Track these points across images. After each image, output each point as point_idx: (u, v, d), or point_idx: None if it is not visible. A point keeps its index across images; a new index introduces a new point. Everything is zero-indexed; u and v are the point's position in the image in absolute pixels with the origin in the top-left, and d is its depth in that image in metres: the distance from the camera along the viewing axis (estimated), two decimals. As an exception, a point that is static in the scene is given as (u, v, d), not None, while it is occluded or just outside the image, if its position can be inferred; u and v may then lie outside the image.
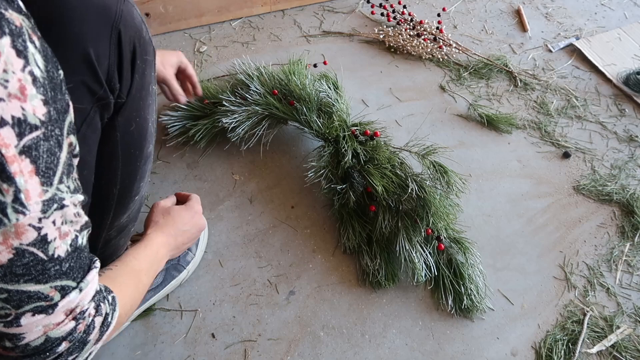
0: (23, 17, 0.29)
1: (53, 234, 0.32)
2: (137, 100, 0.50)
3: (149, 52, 0.50)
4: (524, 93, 1.07)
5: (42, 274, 0.33)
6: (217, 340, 0.69)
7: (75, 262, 0.36)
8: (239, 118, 0.84)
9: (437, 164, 0.80)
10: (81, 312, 0.37)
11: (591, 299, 0.76)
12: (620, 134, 1.01)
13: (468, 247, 0.76)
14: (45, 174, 0.30)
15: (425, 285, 0.76)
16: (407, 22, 1.18)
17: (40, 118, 0.29)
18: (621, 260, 0.81)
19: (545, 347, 0.70)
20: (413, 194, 0.74)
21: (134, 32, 0.46)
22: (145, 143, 0.54)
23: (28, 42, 0.28)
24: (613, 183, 0.92)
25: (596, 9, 1.31)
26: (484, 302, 0.73)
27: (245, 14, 1.19)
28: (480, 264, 0.76)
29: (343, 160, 0.78)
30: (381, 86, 1.07)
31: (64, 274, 0.35)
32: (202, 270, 0.76)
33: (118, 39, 0.45)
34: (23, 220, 0.30)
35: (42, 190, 0.30)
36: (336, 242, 0.81)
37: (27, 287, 0.33)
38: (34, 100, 0.28)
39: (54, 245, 0.33)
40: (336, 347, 0.69)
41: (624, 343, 0.71)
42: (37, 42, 0.30)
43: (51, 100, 0.30)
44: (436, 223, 0.74)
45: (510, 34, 1.22)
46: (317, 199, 0.86)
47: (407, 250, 0.72)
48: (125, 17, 0.45)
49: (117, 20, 0.44)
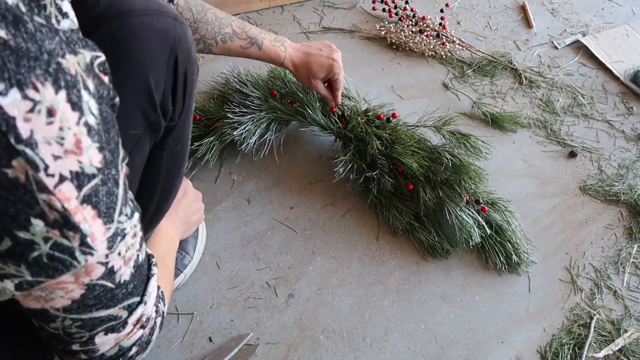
0: (79, 58, 0.28)
1: (119, 264, 0.34)
2: (184, 121, 0.50)
3: (195, 71, 0.50)
4: (529, 91, 1.05)
5: (112, 300, 0.35)
6: (214, 344, 0.68)
7: (137, 280, 0.38)
8: (248, 127, 0.83)
9: (456, 132, 0.85)
10: (147, 319, 0.40)
11: (598, 302, 0.75)
12: (628, 133, 0.99)
13: (506, 206, 0.80)
14: (106, 214, 0.31)
15: (427, 287, 0.75)
16: (409, 18, 1.16)
17: (97, 166, 0.29)
18: (629, 262, 0.80)
19: (551, 351, 0.69)
20: (450, 163, 0.78)
21: (187, 54, 0.46)
22: (184, 161, 0.55)
23: (82, 90, 0.28)
24: (620, 183, 0.90)
25: (603, 5, 1.28)
26: (530, 257, 0.78)
27: (243, 9, 1.17)
28: (516, 220, 0.80)
29: (368, 147, 0.80)
30: (383, 84, 1.05)
31: (130, 294, 0.37)
32: (199, 273, 0.74)
33: (175, 63, 0.44)
34: (92, 261, 0.31)
35: (106, 229, 0.31)
36: (336, 243, 0.79)
37: (98, 314, 0.35)
38: (89, 151, 0.29)
39: (120, 273, 0.35)
40: (336, 352, 0.68)
41: (632, 347, 0.70)
42: (92, 86, 0.29)
43: (105, 143, 0.30)
44: (472, 188, 0.79)
45: (515, 31, 1.20)
46: (317, 199, 0.85)
47: (458, 217, 0.76)
48: (182, 40, 0.44)
49: (175, 45, 0.44)
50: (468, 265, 0.78)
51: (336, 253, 0.78)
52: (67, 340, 0.36)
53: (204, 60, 1.07)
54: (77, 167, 0.28)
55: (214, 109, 0.88)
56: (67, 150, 0.27)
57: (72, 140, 0.27)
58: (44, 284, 0.30)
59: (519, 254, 0.76)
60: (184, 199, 0.66)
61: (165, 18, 0.43)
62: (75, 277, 0.31)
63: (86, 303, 0.34)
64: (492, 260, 0.77)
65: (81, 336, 0.36)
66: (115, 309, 0.36)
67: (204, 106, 0.89)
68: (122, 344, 0.39)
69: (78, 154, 0.28)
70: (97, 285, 0.33)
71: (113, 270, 0.33)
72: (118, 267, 0.34)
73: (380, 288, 0.75)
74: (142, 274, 0.39)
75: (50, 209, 0.27)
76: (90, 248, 0.30)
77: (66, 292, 0.32)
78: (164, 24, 0.42)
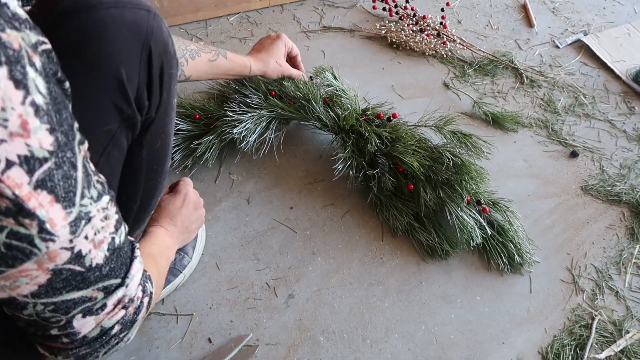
0: (23, 34, 0.27)
1: (87, 247, 0.33)
2: (163, 117, 0.49)
3: (174, 65, 0.48)
4: (530, 90, 1.05)
5: (83, 282, 0.34)
6: (213, 345, 0.67)
7: (115, 263, 0.36)
8: (248, 126, 0.83)
9: (457, 132, 0.84)
10: (129, 300, 0.39)
11: (600, 303, 0.74)
12: (630, 133, 0.98)
13: (507, 207, 0.79)
14: (65, 198, 0.29)
15: (428, 288, 0.74)
16: (409, 17, 1.15)
17: (49, 149, 0.28)
18: (630, 262, 0.79)
19: (552, 352, 0.69)
20: (451, 163, 0.77)
21: (162, 47, 0.45)
22: (167, 159, 0.54)
23: (28, 66, 0.26)
24: (622, 183, 0.89)
25: (605, 4, 1.28)
26: (533, 257, 0.77)
27: (242, 8, 1.17)
28: (518, 220, 0.79)
29: (367, 146, 0.79)
30: (383, 83, 1.04)
31: (105, 276, 0.36)
32: (199, 273, 0.74)
33: (148, 56, 0.43)
34: (54, 247, 0.30)
35: (66, 214, 0.30)
36: (336, 243, 0.79)
37: (69, 296, 0.34)
38: (38, 133, 0.27)
39: (90, 257, 0.33)
40: (337, 353, 0.68)
41: (634, 348, 0.69)
42: (38, 62, 0.27)
43: (57, 124, 0.28)
44: (474, 188, 0.79)
45: (516, 30, 1.19)
46: (316, 199, 0.84)
47: (459, 217, 0.75)
48: (156, 33, 0.43)
49: (148, 37, 0.42)
50: (469, 266, 0.78)
51: (336, 253, 0.78)
52: (44, 326, 0.35)
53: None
54: (25, 150, 0.26)
55: (213, 108, 0.88)
56: (13, 133, 0.25)
57: (17, 122, 0.25)
58: (5, 273, 0.29)
59: (521, 254, 0.76)
60: (183, 208, 0.64)
61: (137, 10, 0.41)
62: (39, 264, 0.30)
63: (54, 287, 0.32)
64: (494, 261, 0.77)
65: (58, 320, 0.35)
66: (87, 290, 0.35)
67: (203, 105, 0.89)
68: (103, 324, 0.38)
69: (25, 137, 0.26)
70: (64, 270, 0.32)
71: (81, 254, 0.32)
72: (87, 251, 0.33)
73: (380, 289, 0.74)
74: (122, 257, 0.37)
75: (0, 196, 0.26)
76: (50, 234, 0.29)
77: (31, 278, 0.31)
78: (135, 16, 0.41)
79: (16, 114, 0.25)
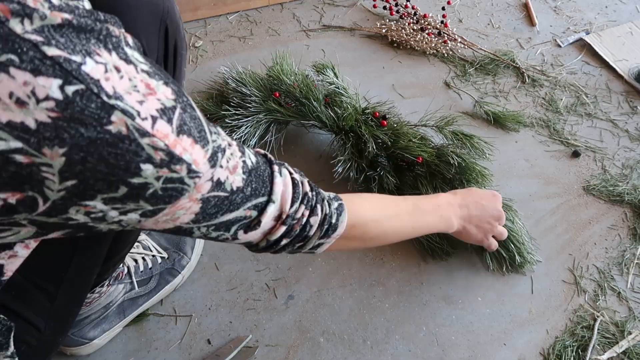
0: (115, 23, 0.32)
1: (224, 175, 0.37)
2: None
3: (184, 47, 0.52)
4: (531, 90, 1.04)
5: (232, 204, 0.39)
6: (212, 346, 0.67)
7: (256, 183, 0.40)
8: (247, 130, 0.82)
9: (458, 132, 0.84)
10: (287, 216, 0.43)
11: (602, 304, 0.74)
12: (632, 132, 0.98)
13: (510, 206, 0.78)
14: (200, 137, 0.33)
15: (429, 289, 0.74)
16: (410, 15, 1.15)
17: (172, 97, 0.32)
18: (633, 263, 0.79)
19: (554, 353, 0.68)
20: (455, 163, 0.77)
21: (176, 27, 0.49)
22: None
23: (125, 47, 0.31)
24: (624, 183, 0.89)
25: (607, 2, 1.27)
26: (535, 256, 0.77)
27: (242, 7, 1.16)
28: (520, 221, 0.78)
29: (367, 149, 0.79)
30: (383, 82, 1.04)
31: (251, 196, 0.40)
32: (198, 274, 0.73)
33: (165, 33, 0.47)
34: (200, 182, 0.34)
35: (205, 152, 0.34)
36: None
37: (225, 218, 0.39)
38: (160, 88, 0.32)
39: (230, 182, 0.37)
40: (337, 354, 0.67)
41: (636, 349, 0.69)
42: (131, 41, 0.32)
43: (166, 78, 0.33)
44: None
45: (517, 29, 1.18)
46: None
47: None
48: (171, 13, 0.47)
49: (164, 16, 0.46)
50: (470, 267, 0.77)
51: (336, 254, 0.77)
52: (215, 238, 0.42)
53: (202, 58, 1.06)
54: (159, 104, 0.31)
55: (212, 109, 0.87)
56: (145, 94, 0.30)
57: (142, 86, 0.30)
58: (164, 210, 0.34)
59: (523, 255, 0.75)
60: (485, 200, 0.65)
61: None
62: (190, 198, 0.35)
63: (208, 212, 0.37)
64: (496, 261, 0.76)
65: (224, 237, 0.41)
66: (239, 210, 0.39)
67: (202, 105, 0.88)
68: (269, 238, 0.43)
69: (154, 94, 0.31)
70: (211, 197, 0.36)
71: (220, 181, 0.36)
72: (225, 178, 0.37)
73: (381, 289, 0.74)
74: (260, 177, 0.41)
75: (155, 150, 0.30)
76: (196, 173, 0.33)
77: (186, 210, 0.35)
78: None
79: (139, 80, 0.30)
